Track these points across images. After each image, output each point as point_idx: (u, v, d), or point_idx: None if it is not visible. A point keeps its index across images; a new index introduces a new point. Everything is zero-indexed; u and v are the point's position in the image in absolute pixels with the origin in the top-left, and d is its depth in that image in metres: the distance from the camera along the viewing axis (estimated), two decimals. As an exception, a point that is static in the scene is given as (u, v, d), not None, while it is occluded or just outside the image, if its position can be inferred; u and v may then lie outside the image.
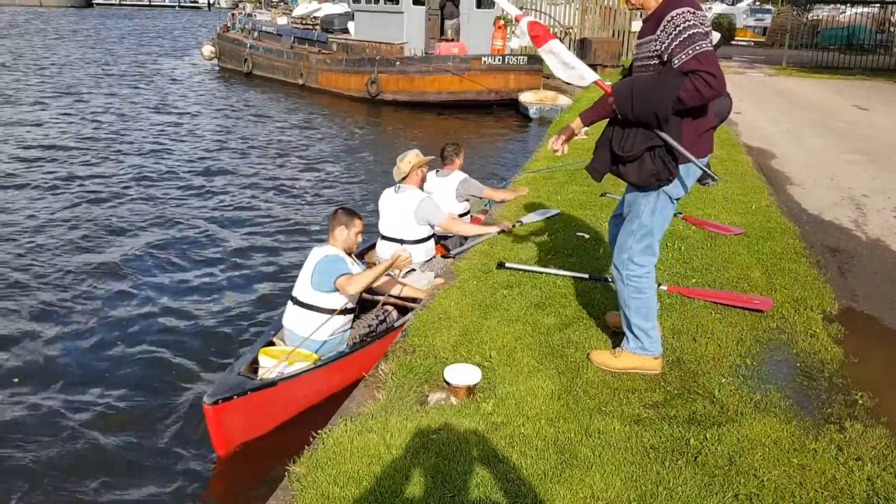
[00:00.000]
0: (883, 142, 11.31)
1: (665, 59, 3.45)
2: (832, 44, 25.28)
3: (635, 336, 3.97)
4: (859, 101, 15.64)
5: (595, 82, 3.67)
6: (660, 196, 3.71)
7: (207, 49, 27.22)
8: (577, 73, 3.73)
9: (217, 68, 26.57)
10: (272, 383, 4.46)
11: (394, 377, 4.08)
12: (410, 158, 6.12)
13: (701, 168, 3.58)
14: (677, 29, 3.39)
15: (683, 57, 3.36)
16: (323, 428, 3.68)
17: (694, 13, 3.42)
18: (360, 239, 5.07)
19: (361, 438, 3.49)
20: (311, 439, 3.63)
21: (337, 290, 4.79)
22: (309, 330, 4.77)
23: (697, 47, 3.34)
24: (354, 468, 3.27)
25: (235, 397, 4.29)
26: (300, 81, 21.98)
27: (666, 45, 3.44)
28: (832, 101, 15.68)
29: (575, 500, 3.02)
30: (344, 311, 4.90)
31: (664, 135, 3.47)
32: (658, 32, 3.48)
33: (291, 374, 4.57)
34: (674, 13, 3.42)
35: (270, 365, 4.62)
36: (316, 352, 4.82)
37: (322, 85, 21.24)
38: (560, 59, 3.77)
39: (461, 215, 6.73)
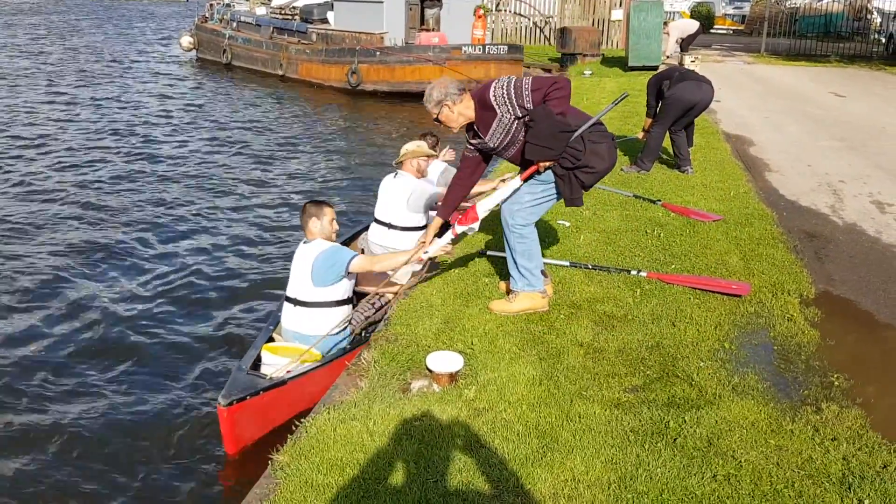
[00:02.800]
0: (859, 128, 11.43)
1: (521, 114, 4.16)
2: (810, 31, 25.43)
3: (522, 275, 4.56)
4: (836, 89, 15.78)
5: (523, 178, 4.36)
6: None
7: (186, 40, 26.90)
8: (510, 189, 4.41)
9: (196, 59, 26.33)
10: (282, 382, 4.42)
11: (376, 365, 4.10)
12: (409, 147, 6.22)
13: (617, 103, 4.67)
14: (505, 96, 4.15)
15: (528, 98, 4.12)
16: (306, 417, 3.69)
17: (497, 82, 4.22)
18: (336, 226, 5.04)
19: (344, 426, 3.51)
20: (295, 428, 3.65)
21: (349, 275, 4.79)
22: (314, 327, 4.73)
23: (525, 86, 4.13)
24: (338, 456, 3.29)
25: (249, 397, 4.25)
26: (280, 72, 21.83)
27: (512, 108, 4.17)
28: (810, 89, 15.80)
29: (556, 483, 3.06)
30: (345, 301, 4.90)
31: (579, 130, 4.21)
32: (499, 111, 4.20)
33: (300, 372, 4.53)
34: (493, 94, 4.18)
35: (274, 362, 4.60)
36: (314, 345, 4.77)
37: (302, 75, 21.11)
38: (496, 201, 4.45)
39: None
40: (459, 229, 4.52)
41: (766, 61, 21.29)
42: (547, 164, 4.25)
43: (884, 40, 24.50)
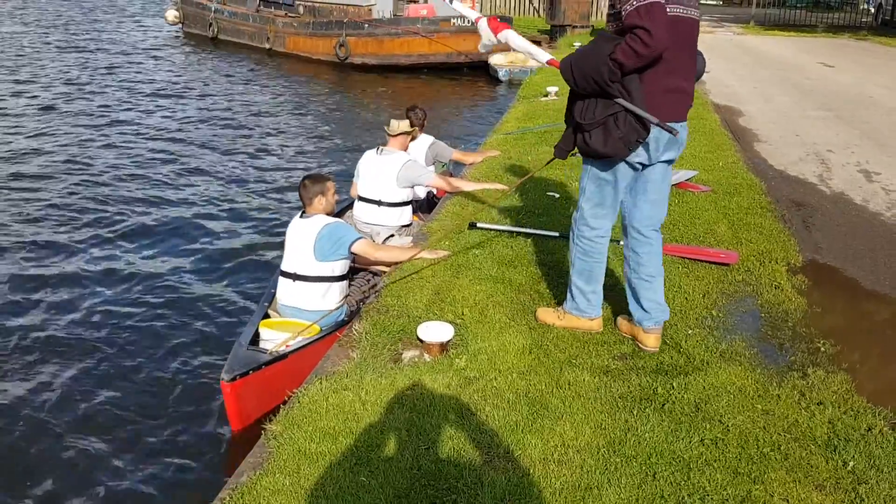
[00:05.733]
0: (847, 98, 11.46)
1: (618, 10, 3.36)
2: (799, 2, 25.37)
3: (573, 296, 4.00)
4: (825, 59, 15.79)
5: (548, 62, 3.77)
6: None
7: (171, 14, 26.56)
8: (537, 54, 3.86)
9: (182, 33, 26.03)
10: (283, 356, 4.43)
11: (368, 336, 4.12)
12: (404, 123, 6.19)
13: (662, 126, 3.40)
14: None
15: (628, 8, 3.25)
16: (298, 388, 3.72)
17: None
18: (336, 198, 5.05)
19: (337, 396, 3.53)
20: (287, 399, 3.68)
21: (350, 255, 4.79)
22: (313, 302, 4.73)
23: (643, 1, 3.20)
24: (330, 425, 3.32)
25: (251, 372, 4.26)
26: (267, 46, 21.64)
27: None
28: (799, 59, 15.80)
29: (546, 449, 3.10)
30: (344, 277, 4.91)
31: (622, 101, 3.36)
32: None
33: (300, 346, 4.54)
34: None
35: (273, 337, 4.60)
36: (318, 322, 4.77)
37: (289, 49, 20.93)
38: (523, 46, 3.88)
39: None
40: (482, 24, 4.01)
41: (756, 32, 21.25)
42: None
43: (872, 10, 24.47)
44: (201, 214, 8.52)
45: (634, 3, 3.23)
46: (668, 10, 3.31)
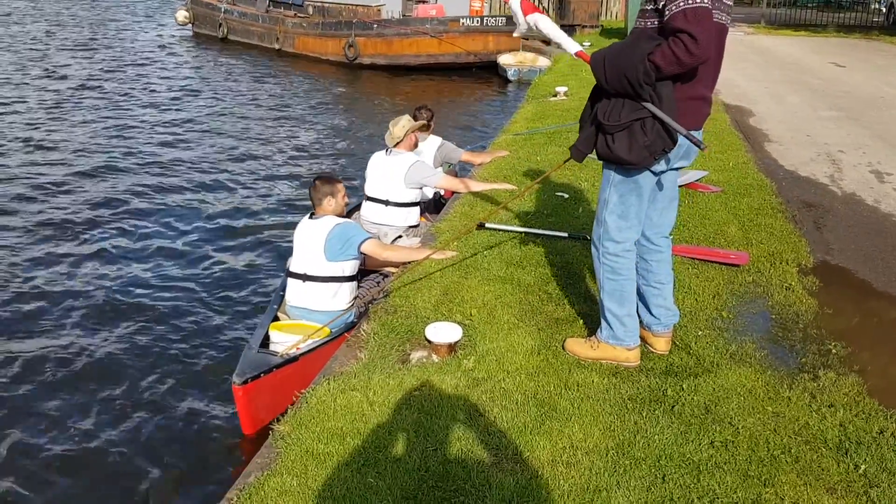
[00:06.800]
0: (859, 98, 11.38)
1: (660, 6, 3.13)
2: (810, 2, 25.26)
3: (608, 323, 3.69)
4: (836, 59, 15.69)
5: (576, 53, 3.48)
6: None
7: (181, 14, 26.64)
8: (564, 42, 3.53)
9: (191, 34, 26.10)
10: (294, 359, 4.41)
11: (376, 337, 4.12)
12: (404, 123, 6.09)
13: (690, 139, 3.21)
14: None
15: (674, 9, 3.03)
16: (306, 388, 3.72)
17: None
18: (346, 200, 5.04)
19: (345, 397, 3.53)
20: (295, 399, 3.67)
21: (359, 255, 4.77)
22: (323, 302, 4.72)
23: (692, 1, 3.01)
24: (338, 425, 3.31)
25: (263, 375, 4.24)
26: (276, 46, 21.67)
27: None
28: (809, 59, 15.71)
29: (555, 451, 3.08)
30: (354, 277, 4.90)
31: (650, 106, 3.15)
32: None
33: (310, 348, 4.53)
34: None
35: (283, 339, 4.59)
36: (328, 323, 4.76)
37: (299, 49, 20.96)
38: (555, 32, 3.57)
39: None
40: (513, 4, 3.66)
41: (767, 32, 21.15)
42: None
43: (884, 10, 24.34)
44: (209, 215, 8.53)
45: (682, 4, 3.02)
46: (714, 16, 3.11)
